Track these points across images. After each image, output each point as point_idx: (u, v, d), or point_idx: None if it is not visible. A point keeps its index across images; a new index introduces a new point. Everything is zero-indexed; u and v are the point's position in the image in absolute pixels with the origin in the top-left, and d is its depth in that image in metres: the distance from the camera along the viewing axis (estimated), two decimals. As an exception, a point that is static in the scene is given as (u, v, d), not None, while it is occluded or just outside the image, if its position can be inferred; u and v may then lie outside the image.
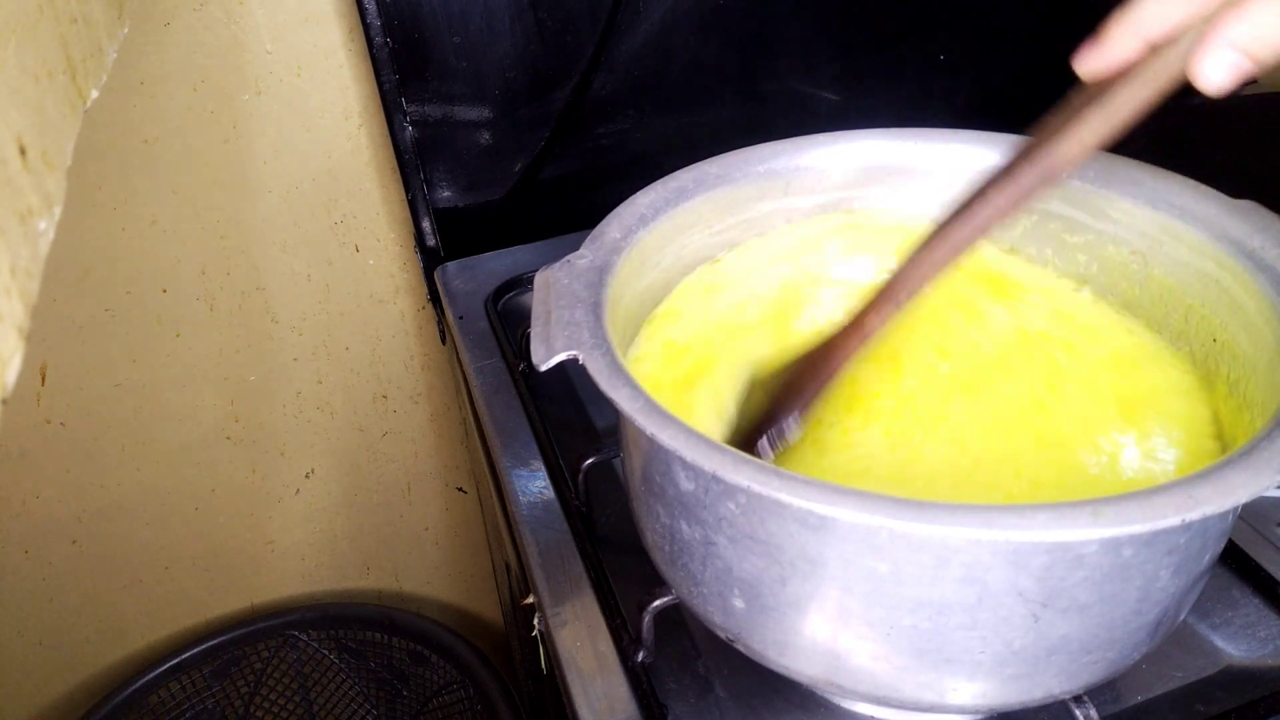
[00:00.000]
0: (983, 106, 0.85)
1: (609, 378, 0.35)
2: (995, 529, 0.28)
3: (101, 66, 0.40)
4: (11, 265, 0.25)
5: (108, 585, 0.92)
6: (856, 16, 0.78)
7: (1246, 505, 0.30)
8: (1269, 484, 0.29)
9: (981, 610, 0.32)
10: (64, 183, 0.31)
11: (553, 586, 0.49)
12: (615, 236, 0.44)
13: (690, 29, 0.74)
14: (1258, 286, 0.39)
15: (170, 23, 0.69)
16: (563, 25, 0.71)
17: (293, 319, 0.84)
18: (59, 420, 0.81)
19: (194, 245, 0.77)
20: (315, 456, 0.92)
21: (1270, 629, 0.45)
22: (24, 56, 0.30)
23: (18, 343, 0.24)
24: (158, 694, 0.92)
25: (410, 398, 0.92)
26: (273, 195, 0.77)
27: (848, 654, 0.35)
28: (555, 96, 0.74)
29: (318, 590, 1.01)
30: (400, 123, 0.71)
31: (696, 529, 0.36)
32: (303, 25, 0.71)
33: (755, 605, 0.36)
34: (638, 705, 0.43)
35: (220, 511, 0.92)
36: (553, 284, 0.41)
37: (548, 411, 0.60)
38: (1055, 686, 0.35)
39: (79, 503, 0.86)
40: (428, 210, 0.76)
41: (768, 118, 0.80)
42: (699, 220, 0.48)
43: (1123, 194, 0.45)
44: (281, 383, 0.87)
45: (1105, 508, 0.28)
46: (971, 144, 0.49)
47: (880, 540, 0.32)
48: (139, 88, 0.70)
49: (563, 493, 0.54)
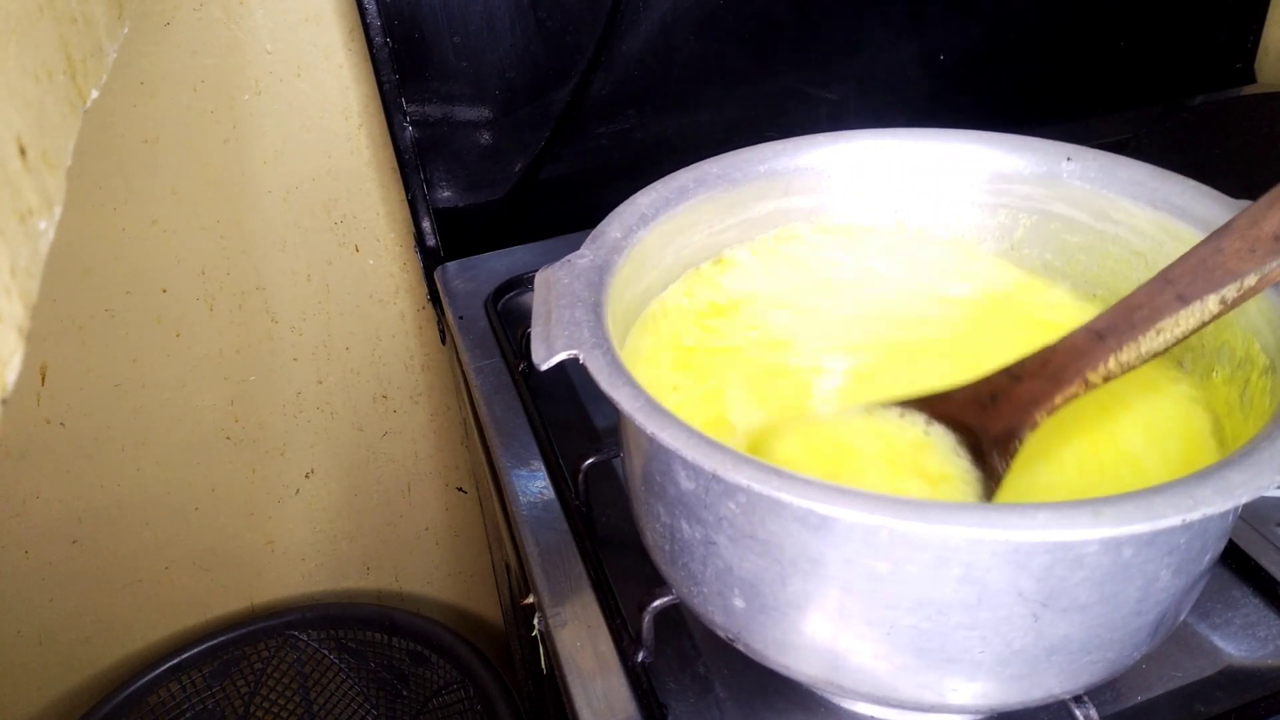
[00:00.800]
0: (983, 106, 0.85)
1: (609, 377, 0.35)
2: (995, 529, 0.28)
3: (101, 66, 0.40)
4: (11, 265, 0.25)
5: (108, 585, 0.92)
6: (857, 17, 0.78)
7: (1246, 505, 0.30)
8: (1269, 484, 0.29)
9: (981, 610, 0.32)
10: (64, 183, 0.31)
11: (553, 586, 0.49)
12: (616, 236, 0.44)
13: (690, 29, 0.74)
14: (1258, 286, 0.39)
15: (170, 23, 0.69)
16: (563, 25, 0.71)
17: (293, 319, 0.84)
18: (59, 420, 0.81)
19: (194, 245, 0.77)
20: (315, 456, 0.92)
21: (1270, 629, 0.45)
22: (24, 56, 0.30)
23: (18, 343, 0.24)
24: (158, 694, 0.92)
25: (410, 398, 0.92)
26: (273, 195, 0.77)
27: (848, 653, 0.35)
28: (555, 96, 0.74)
29: (318, 590, 1.01)
30: (400, 123, 0.71)
31: (697, 528, 0.36)
32: (303, 25, 0.71)
33: (755, 605, 0.36)
34: (638, 705, 0.43)
35: (220, 511, 0.92)
36: (553, 283, 0.41)
37: (548, 411, 0.60)
38: (1055, 686, 0.35)
39: (79, 503, 0.86)
40: (428, 210, 0.76)
41: (768, 118, 0.80)
42: (699, 220, 0.48)
43: (1123, 194, 0.45)
44: (281, 383, 0.87)
45: (1105, 508, 0.28)
46: (972, 144, 0.49)
47: (880, 540, 0.32)
48: (139, 88, 0.70)
49: (563, 493, 0.54)
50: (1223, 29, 0.90)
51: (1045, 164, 0.47)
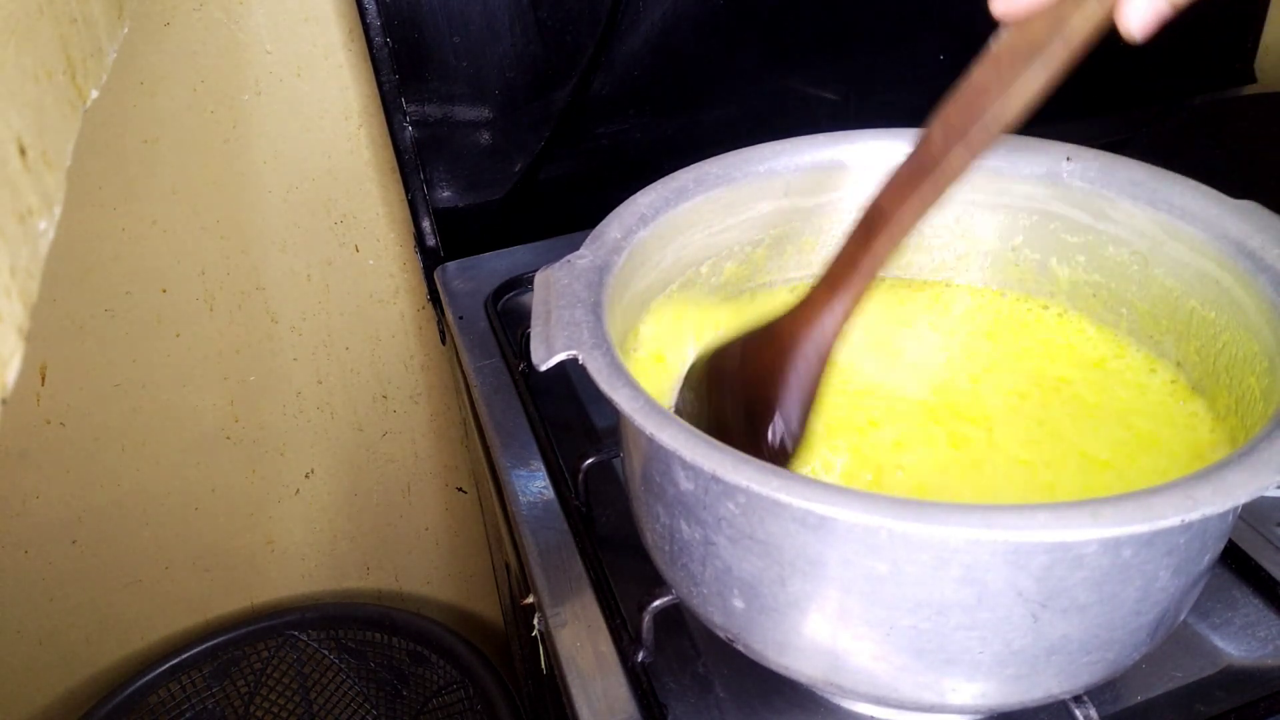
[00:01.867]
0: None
1: (609, 377, 0.35)
2: (995, 529, 0.28)
3: (101, 66, 0.40)
4: (11, 265, 0.25)
5: (108, 585, 0.92)
6: (857, 16, 0.78)
7: (1246, 505, 0.30)
8: (1268, 484, 0.29)
9: (981, 610, 0.32)
10: (64, 183, 0.31)
11: (553, 586, 0.49)
12: (616, 236, 0.44)
13: (690, 29, 0.74)
14: (1258, 287, 0.39)
15: (170, 23, 0.69)
16: (563, 25, 0.71)
17: (293, 319, 0.84)
18: (59, 420, 0.81)
19: (194, 245, 0.77)
20: (315, 456, 0.92)
21: (1270, 629, 0.45)
22: (24, 56, 0.30)
23: (18, 343, 0.24)
24: (158, 694, 0.92)
25: (410, 398, 0.92)
26: (273, 195, 0.77)
27: (847, 654, 0.35)
28: (555, 96, 0.74)
29: (318, 590, 1.01)
30: (400, 123, 0.71)
31: (696, 529, 0.36)
32: (303, 25, 0.71)
33: (755, 605, 0.36)
34: (638, 705, 0.43)
35: (220, 511, 0.92)
36: (553, 283, 0.41)
37: (548, 411, 0.60)
38: (1055, 686, 0.35)
39: (79, 503, 0.86)
40: (428, 210, 0.76)
41: (768, 118, 0.80)
42: (699, 220, 0.48)
43: (1123, 194, 0.45)
44: (281, 383, 0.87)
45: (1104, 508, 0.28)
46: (971, 144, 0.49)
47: (880, 540, 0.32)
48: (139, 88, 0.70)
49: (563, 493, 0.54)
50: (1222, 29, 0.90)
51: (1045, 164, 0.47)
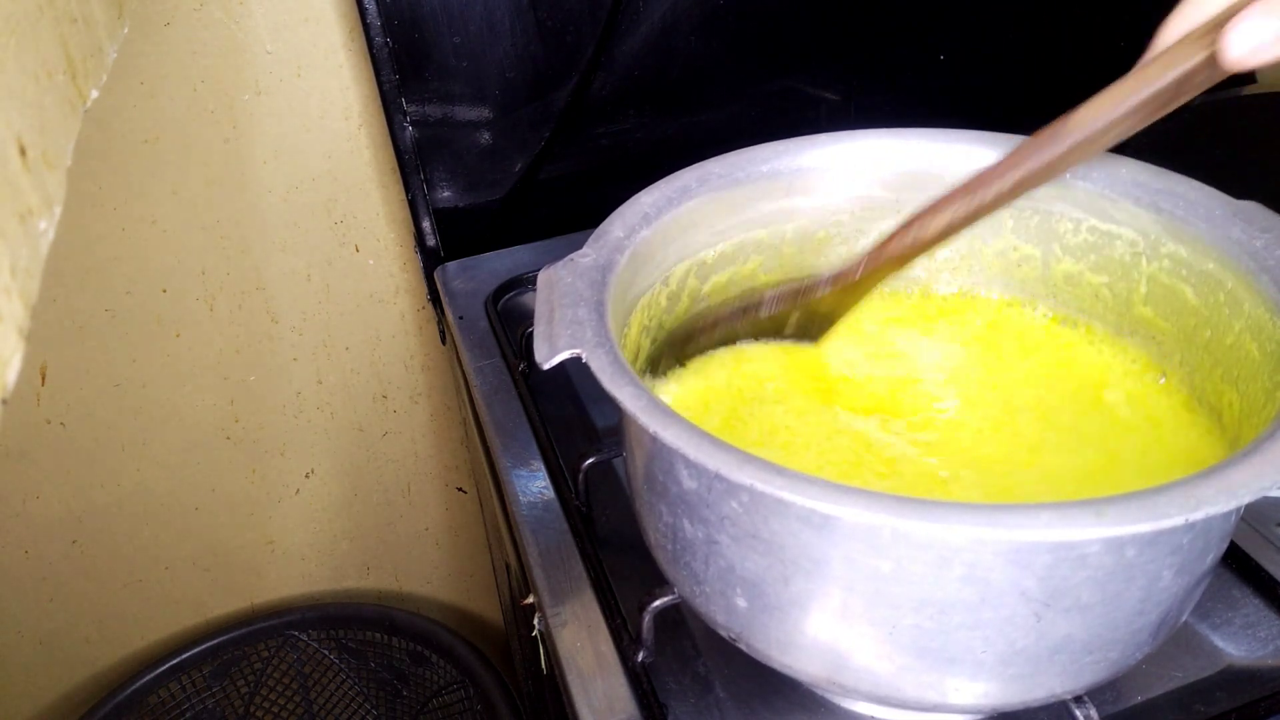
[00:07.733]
0: (984, 106, 0.85)
1: (612, 376, 0.35)
2: (998, 528, 0.28)
3: (101, 66, 0.40)
4: (11, 265, 0.25)
5: (108, 585, 0.92)
6: (857, 16, 0.78)
7: (1247, 506, 0.30)
8: (1272, 484, 0.29)
9: (984, 610, 0.32)
10: (64, 183, 0.31)
11: (553, 586, 0.49)
12: (618, 235, 0.44)
13: (690, 29, 0.74)
14: (1260, 287, 0.39)
15: (170, 23, 0.69)
16: (563, 25, 0.71)
17: (293, 319, 0.84)
18: (59, 420, 0.81)
19: (194, 245, 0.77)
20: (315, 456, 0.92)
21: (1270, 629, 0.45)
22: (24, 56, 0.30)
23: (18, 343, 0.24)
24: (158, 694, 0.92)
25: (410, 398, 0.92)
26: (273, 195, 0.77)
27: (850, 653, 0.35)
28: (555, 96, 0.74)
29: (318, 590, 1.01)
30: (400, 123, 0.71)
31: (699, 528, 0.36)
32: (303, 25, 0.71)
33: (758, 604, 0.36)
34: (638, 705, 0.43)
35: (220, 511, 0.92)
36: (556, 282, 0.41)
37: (548, 411, 0.60)
38: (1057, 686, 0.35)
39: (79, 503, 0.86)
40: (428, 210, 0.76)
41: (768, 118, 0.80)
42: (702, 219, 0.48)
43: (1124, 194, 0.45)
44: (281, 383, 0.87)
45: (1108, 507, 0.28)
46: (974, 144, 0.49)
47: (883, 539, 0.32)
48: (139, 88, 0.70)
49: (563, 493, 0.54)
50: (1223, 29, 0.90)
51: (1046, 164, 0.47)
